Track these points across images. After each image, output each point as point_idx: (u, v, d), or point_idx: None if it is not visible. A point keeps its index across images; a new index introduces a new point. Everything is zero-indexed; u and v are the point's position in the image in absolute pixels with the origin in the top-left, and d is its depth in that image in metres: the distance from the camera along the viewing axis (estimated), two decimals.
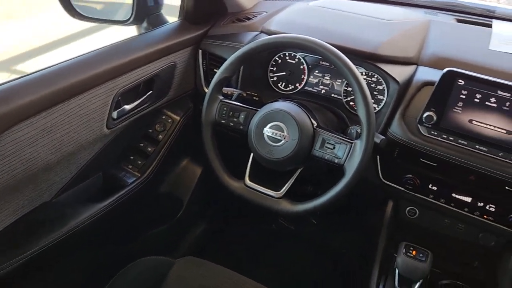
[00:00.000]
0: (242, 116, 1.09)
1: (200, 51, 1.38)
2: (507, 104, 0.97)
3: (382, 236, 1.19)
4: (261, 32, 1.33)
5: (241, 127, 1.09)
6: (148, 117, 1.34)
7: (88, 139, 1.12)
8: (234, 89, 1.21)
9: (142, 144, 1.37)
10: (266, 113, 1.04)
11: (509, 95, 0.96)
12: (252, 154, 1.10)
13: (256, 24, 1.39)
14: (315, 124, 1.04)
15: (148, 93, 1.28)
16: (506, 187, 1.01)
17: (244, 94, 1.21)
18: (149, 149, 1.36)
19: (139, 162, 1.34)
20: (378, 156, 1.16)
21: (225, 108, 1.11)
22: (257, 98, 1.22)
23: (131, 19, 1.30)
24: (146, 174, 1.33)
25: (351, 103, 1.24)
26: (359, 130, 1.01)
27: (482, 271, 1.18)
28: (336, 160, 0.99)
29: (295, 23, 1.32)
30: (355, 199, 1.81)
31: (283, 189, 1.05)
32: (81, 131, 1.08)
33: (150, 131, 1.38)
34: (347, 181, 0.97)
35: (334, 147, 1.00)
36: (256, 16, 1.45)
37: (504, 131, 0.98)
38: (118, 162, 1.34)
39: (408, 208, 1.22)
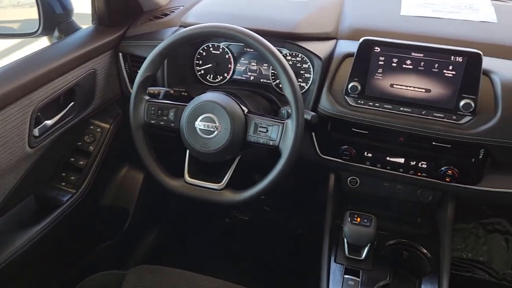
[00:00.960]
0: (172, 113, 1.07)
1: (120, 54, 1.34)
2: (422, 64, 1.01)
3: (329, 209, 1.22)
4: (180, 26, 1.30)
5: (172, 125, 1.07)
6: (75, 130, 1.28)
7: (10, 162, 1.04)
8: (160, 88, 1.18)
9: (72, 159, 1.30)
10: (195, 107, 1.03)
11: (422, 55, 1.01)
12: (188, 150, 1.08)
13: (174, 19, 1.36)
14: (246, 111, 1.04)
15: (70, 105, 1.22)
16: (433, 143, 1.06)
17: (172, 91, 1.18)
18: (81, 162, 1.29)
19: (72, 177, 1.27)
20: (313, 133, 1.18)
21: (152, 108, 1.08)
22: (186, 94, 1.20)
23: (40, 30, 1.23)
24: (82, 189, 1.27)
25: (280, 85, 1.25)
26: (289, 110, 1.02)
27: (425, 226, 1.24)
28: (271, 142, 1.00)
29: (213, 12, 1.31)
30: (300, 178, 1.85)
31: (224, 180, 1.04)
32: (0, 154, 1.01)
33: (80, 143, 1.32)
34: (284, 160, 0.97)
35: (267, 130, 1.00)
36: (173, 12, 1.42)
37: (423, 90, 1.03)
38: (50, 181, 1.27)
39: (349, 179, 1.25)
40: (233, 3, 1.34)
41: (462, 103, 0.99)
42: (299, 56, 1.21)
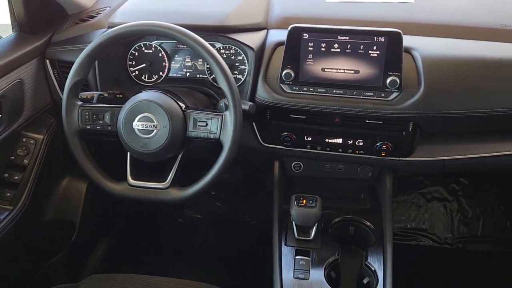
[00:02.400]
0: (108, 117, 1.05)
1: (47, 61, 1.29)
2: (348, 46, 1.06)
3: (276, 195, 1.24)
4: (109, 27, 1.27)
5: (109, 128, 1.05)
6: (6, 143, 1.22)
7: None
8: (93, 92, 1.14)
9: (6, 174, 1.24)
10: (131, 107, 1.01)
11: (347, 38, 1.05)
12: (128, 152, 1.06)
13: (101, 21, 1.33)
14: (184, 107, 1.04)
15: None
16: (367, 121, 1.11)
17: (106, 94, 1.15)
18: (16, 177, 1.23)
19: (8, 194, 1.21)
20: (254, 123, 1.20)
21: (86, 113, 1.05)
22: (121, 96, 1.17)
23: None
24: (20, 205, 1.21)
25: (211, 77, 1.26)
26: (227, 102, 1.03)
27: (367, 201, 1.30)
28: (211, 136, 1.00)
29: (141, 11, 1.29)
30: (247, 169, 1.87)
31: (169, 178, 1.04)
32: None
33: (12, 158, 1.25)
34: (226, 152, 0.98)
35: (206, 124, 1.01)
36: (100, 13, 1.38)
37: (352, 71, 1.07)
38: None
39: (293, 164, 1.28)
40: (160, 1, 1.33)
41: (388, 80, 1.05)
42: (233, 48, 1.22)
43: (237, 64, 1.22)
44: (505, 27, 1.14)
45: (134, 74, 1.29)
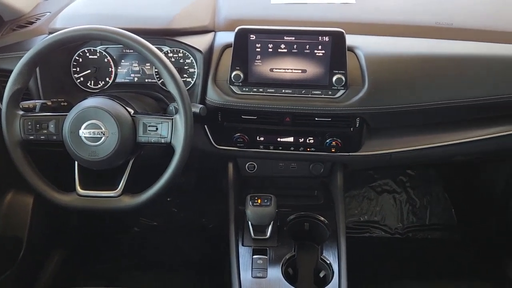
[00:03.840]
0: (52, 126, 1.01)
1: None
2: (295, 46, 1.08)
3: (231, 197, 1.25)
4: (49, 33, 1.22)
5: (55, 137, 1.01)
6: None
7: None
8: (36, 101, 1.09)
9: None
10: (76, 115, 0.98)
11: (293, 38, 1.08)
12: (76, 162, 1.03)
13: (41, 27, 1.28)
14: (132, 112, 1.02)
15: None
16: (316, 119, 1.14)
17: (49, 103, 1.10)
18: None
19: None
20: (205, 126, 1.20)
21: (29, 123, 1.00)
22: (65, 104, 1.14)
23: None
24: None
25: (161, 81, 1.24)
26: (177, 106, 1.02)
27: (321, 197, 1.34)
28: (162, 140, 0.99)
29: (83, 15, 1.25)
30: (201, 173, 1.86)
31: (120, 185, 1.02)
32: None
33: None
34: (178, 156, 0.98)
35: (157, 129, 1.00)
36: (39, 19, 1.33)
37: (300, 71, 1.10)
38: None
39: (247, 164, 1.30)
40: (104, 4, 1.30)
41: (334, 78, 1.08)
42: (181, 52, 1.21)
43: (186, 67, 1.22)
44: (439, 25, 1.21)
45: (79, 81, 1.25)
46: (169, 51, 1.21)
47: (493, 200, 1.69)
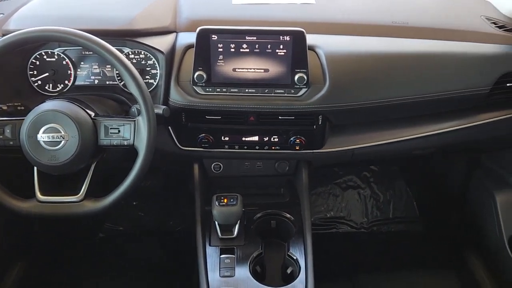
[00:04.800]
0: (8, 130, 0.98)
1: None
2: (257, 46, 1.09)
3: (197, 198, 1.24)
4: (3, 35, 1.17)
5: (11, 143, 0.98)
6: None
7: None
8: None
9: None
10: (34, 119, 0.95)
11: (255, 38, 1.09)
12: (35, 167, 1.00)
13: None
14: (93, 114, 1.00)
15: None
16: (280, 117, 1.15)
17: (5, 107, 1.07)
18: None
19: None
20: (170, 127, 1.19)
21: None
22: (22, 108, 1.10)
23: None
24: None
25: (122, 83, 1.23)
26: (139, 107, 1.01)
27: (287, 194, 1.36)
28: (125, 142, 0.98)
29: (38, 16, 1.21)
30: (167, 175, 1.85)
31: (82, 190, 1.00)
32: None
33: None
34: (142, 158, 0.97)
35: (119, 131, 0.98)
36: None
37: (262, 70, 1.11)
38: None
39: (213, 165, 1.29)
40: (61, 5, 1.26)
41: (296, 77, 1.10)
42: (142, 53, 1.20)
43: (148, 68, 1.20)
44: (396, 24, 1.25)
45: (36, 84, 1.22)
46: (130, 53, 1.19)
47: (451, 193, 1.76)
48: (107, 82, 1.23)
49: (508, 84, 1.21)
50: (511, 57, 1.20)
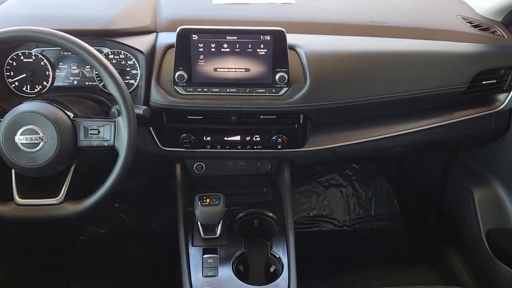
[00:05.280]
0: None
1: None
2: (237, 45, 1.09)
3: (179, 198, 1.24)
4: None
5: None
6: None
7: None
8: None
9: None
10: (11, 120, 0.94)
11: (236, 38, 1.09)
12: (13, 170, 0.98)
13: None
14: (72, 115, 0.99)
15: None
16: (261, 116, 1.16)
17: None
18: None
19: None
20: (151, 128, 1.19)
21: None
22: None
23: None
24: None
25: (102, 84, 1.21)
26: (119, 108, 1.01)
27: (269, 193, 1.36)
28: (105, 143, 0.97)
29: (15, 16, 1.19)
30: (149, 176, 1.83)
31: (62, 192, 0.98)
32: None
33: None
34: (123, 159, 0.96)
35: (99, 132, 0.97)
36: None
37: (243, 70, 1.11)
38: None
39: (195, 165, 1.29)
40: (38, 5, 1.24)
41: (277, 76, 1.10)
42: (122, 53, 1.19)
43: (128, 69, 1.19)
44: (374, 24, 1.27)
45: (13, 85, 1.19)
46: (109, 53, 1.18)
47: (431, 190, 1.80)
48: (87, 83, 1.22)
49: (484, 82, 1.24)
50: (486, 56, 1.23)
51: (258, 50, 1.09)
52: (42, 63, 1.19)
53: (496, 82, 1.25)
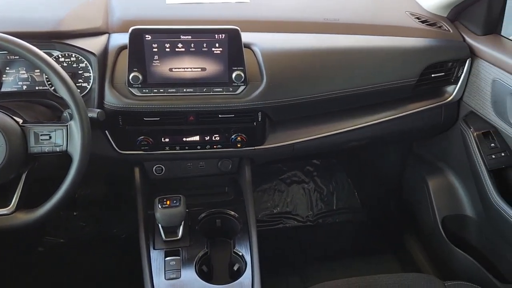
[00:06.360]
0: None
1: None
2: (192, 45, 1.08)
3: (139, 202, 1.21)
4: None
5: None
6: None
7: None
8: None
9: None
10: None
11: (190, 37, 1.08)
12: None
13: None
14: (21, 121, 0.95)
15: None
16: (219, 115, 1.15)
17: None
18: None
19: None
20: (107, 131, 1.16)
21: None
22: None
23: None
24: None
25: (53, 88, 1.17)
26: (71, 112, 0.97)
27: (231, 192, 1.36)
28: (57, 149, 0.94)
29: None
30: (108, 181, 1.79)
31: (13, 201, 0.94)
32: None
33: None
34: (77, 164, 0.93)
35: (50, 137, 0.94)
36: None
37: (199, 69, 1.10)
38: None
39: (154, 167, 1.27)
40: None
41: (234, 75, 1.10)
42: (73, 56, 1.15)
43: (80, 71, 1.15)
44: (327, 21, 1.30)
45: None
46: (60, 56, 1.14)
47: (389, 182, 1.85)
48: (37, 88, 1.17)
49: (433, 75, 1.29)
50: (434, 50, 1.28)
51: (213, 49, 1.09)
52: None
53: (444, 74, 1.31)
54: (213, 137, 1.19)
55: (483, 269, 1.37)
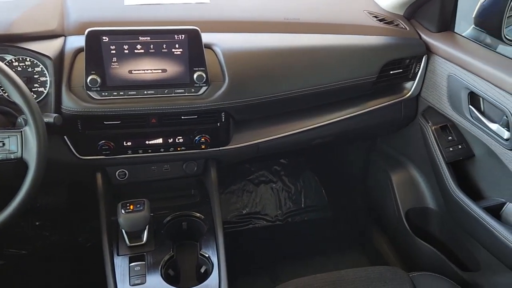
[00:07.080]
0: None
1: None
2: (152, 46, 1.07)
3: (101, 208, 1.18)
4: None
5: None
6: None
7: None
8: None
9: None
10: None
11: (149, 38, 1.06)
12: None
13: None
14: None
15: None
16: (182, 117, 1.14)
17: None
18: None
19: None
20: (65, 136, 1.12)
21: None
22: None
23: None
24: None
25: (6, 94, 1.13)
26: (26, 117, 0.94)
27: (197, 195, 1.35)
28: (12, 156, 0.91)
29: None
30: (70, 188, 1.74)
31: None
32: None
33: None
34: (33, 171, 0.90)
35: (3, 144, 0.91)
36: None
37: (160, 71, 1.09)
38: None
39: (117, 172, 1.24)
40: None
41: (195, 75, 1.09)
42: (28, 59, 1.11)
43: (36, 76, 1.11)
44: (288, 20, 1.31)
45: None
46: (13, 60, 1.10)
47: (355, 178, 1.89)
48: None
49: (391, 72, 1.32)
50: (391, 47, 1.31)
51: (173, 50, 1.08)
52: None
53: (402, 71, 1.35)
54: (177, 139, 1.17)
55: (446, 259, 1.42)
